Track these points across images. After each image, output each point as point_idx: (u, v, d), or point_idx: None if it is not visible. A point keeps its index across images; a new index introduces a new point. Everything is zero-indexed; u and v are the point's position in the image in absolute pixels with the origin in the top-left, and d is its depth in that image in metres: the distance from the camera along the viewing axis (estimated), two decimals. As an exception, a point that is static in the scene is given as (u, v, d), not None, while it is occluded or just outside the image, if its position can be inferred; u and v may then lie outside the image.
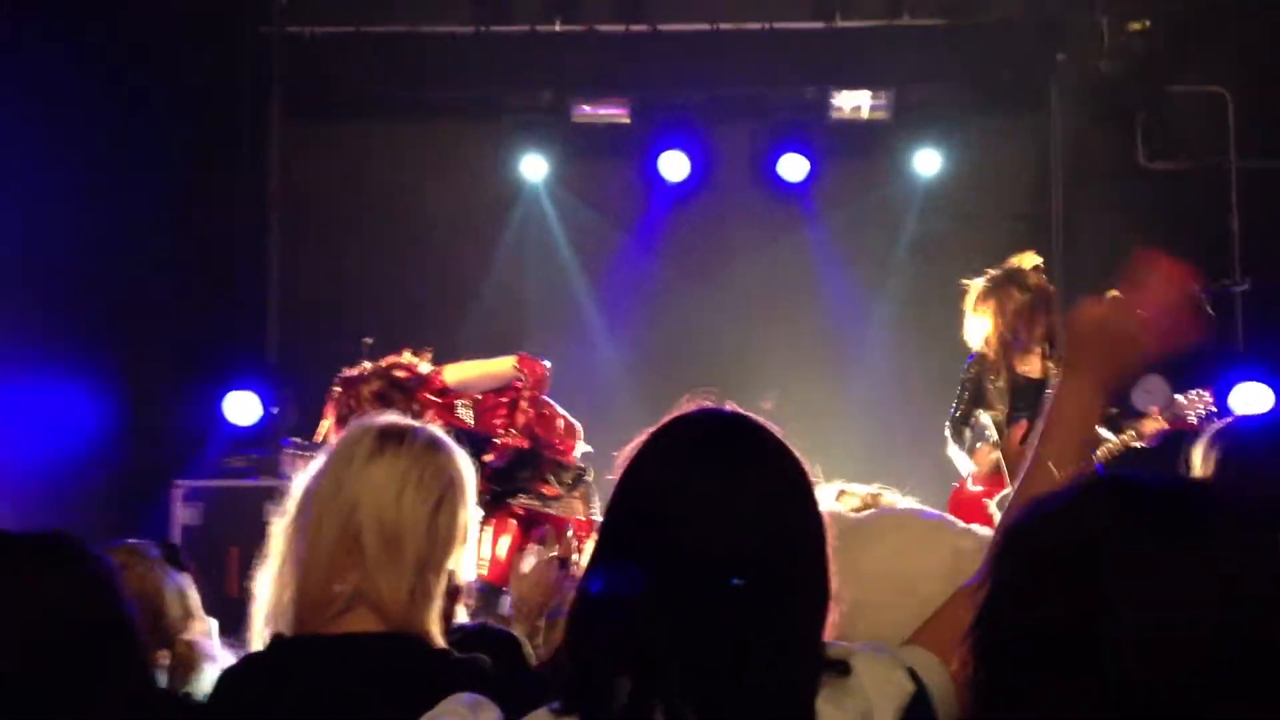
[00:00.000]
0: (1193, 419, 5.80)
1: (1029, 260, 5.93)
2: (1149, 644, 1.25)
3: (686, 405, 1.76)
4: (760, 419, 1.74)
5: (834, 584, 1.67)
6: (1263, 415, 2.57)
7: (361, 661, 2.03)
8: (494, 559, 4.94)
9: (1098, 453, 5.68)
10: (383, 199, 8.59)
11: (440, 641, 2.10)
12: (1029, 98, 8.78)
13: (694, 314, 8.42)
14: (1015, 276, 5.86)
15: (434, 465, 2.12)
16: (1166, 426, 5.74)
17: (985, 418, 5.99)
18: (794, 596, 1.61)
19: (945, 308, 8.55)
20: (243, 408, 7.50)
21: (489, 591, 4.72)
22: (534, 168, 8.63)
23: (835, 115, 8.56)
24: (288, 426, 7.51)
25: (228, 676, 2.13)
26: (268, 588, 2.16)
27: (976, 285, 5.91)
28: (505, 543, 4.99)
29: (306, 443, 7.30)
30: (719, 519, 1.60)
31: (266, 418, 7.51)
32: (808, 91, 8.74)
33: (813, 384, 8.19)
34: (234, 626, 2.48)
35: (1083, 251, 8.18)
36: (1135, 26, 8.18)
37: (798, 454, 1.71)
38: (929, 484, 5.71)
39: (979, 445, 6.02)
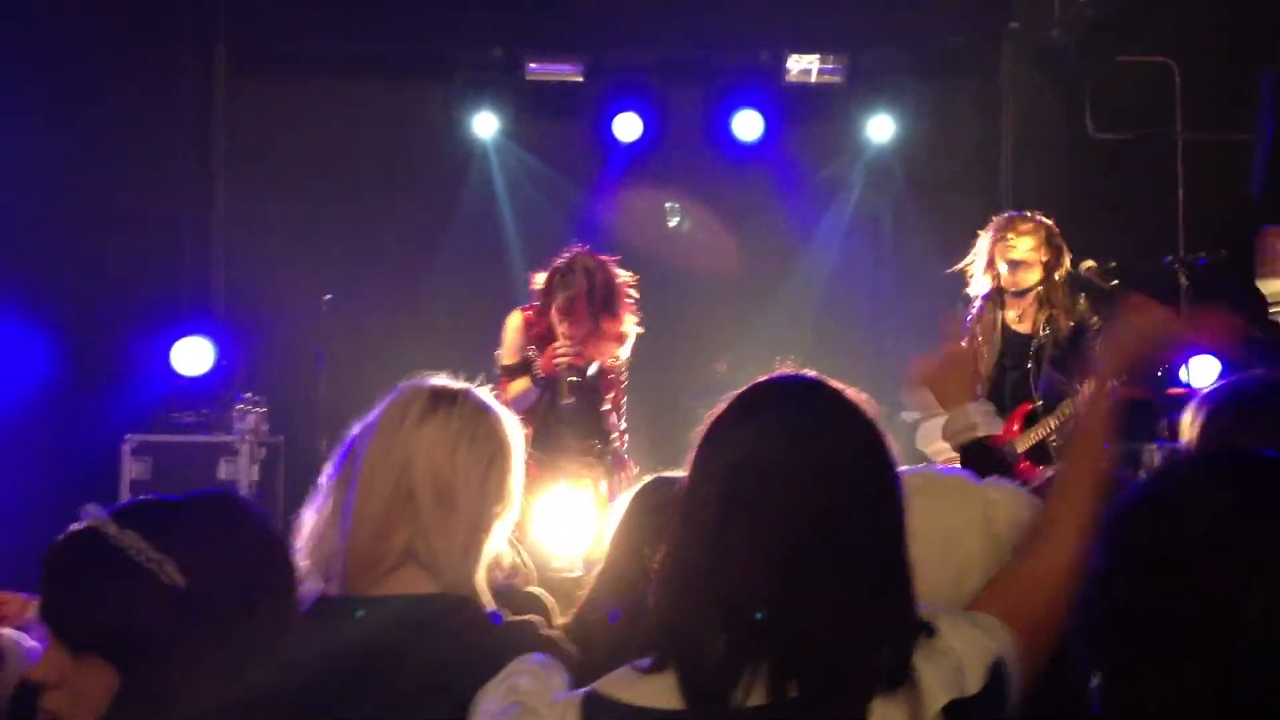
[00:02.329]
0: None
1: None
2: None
3: (770, 371, 1.80)
4: (838, 384, 1.77)
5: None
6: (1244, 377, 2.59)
7: (415, 622, 2.00)
8: None
9: (1035, 432, 5.67)
10: (332, 153, 8.45)
11: (490, 604, 2.09)
12: (980, 65, 8.82)
13: (647, 276, 8.38)
14: (1023, 213, 5.88)
15: (485, 426, 2.12)
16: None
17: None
18: (883, 554, 1.64)
19: (898, 274, 8.65)
20: (193, 357, 7.33)
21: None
22: (486, 125, 8.56)
23: (788, 79, 8.57)
24: (239, 382, 7.40)
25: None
26: (309, 544, 2.13)
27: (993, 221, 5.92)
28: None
29: (257, 398, 7.21)
30: (806, 478, 1.62)
31: (218, 367, 7.36)
32: (761, 54, 8.72)
33: (767, 343, 8.21)
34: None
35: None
36: (1086, -4, 8.24)
37: (873, 416, 1.74)
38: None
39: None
